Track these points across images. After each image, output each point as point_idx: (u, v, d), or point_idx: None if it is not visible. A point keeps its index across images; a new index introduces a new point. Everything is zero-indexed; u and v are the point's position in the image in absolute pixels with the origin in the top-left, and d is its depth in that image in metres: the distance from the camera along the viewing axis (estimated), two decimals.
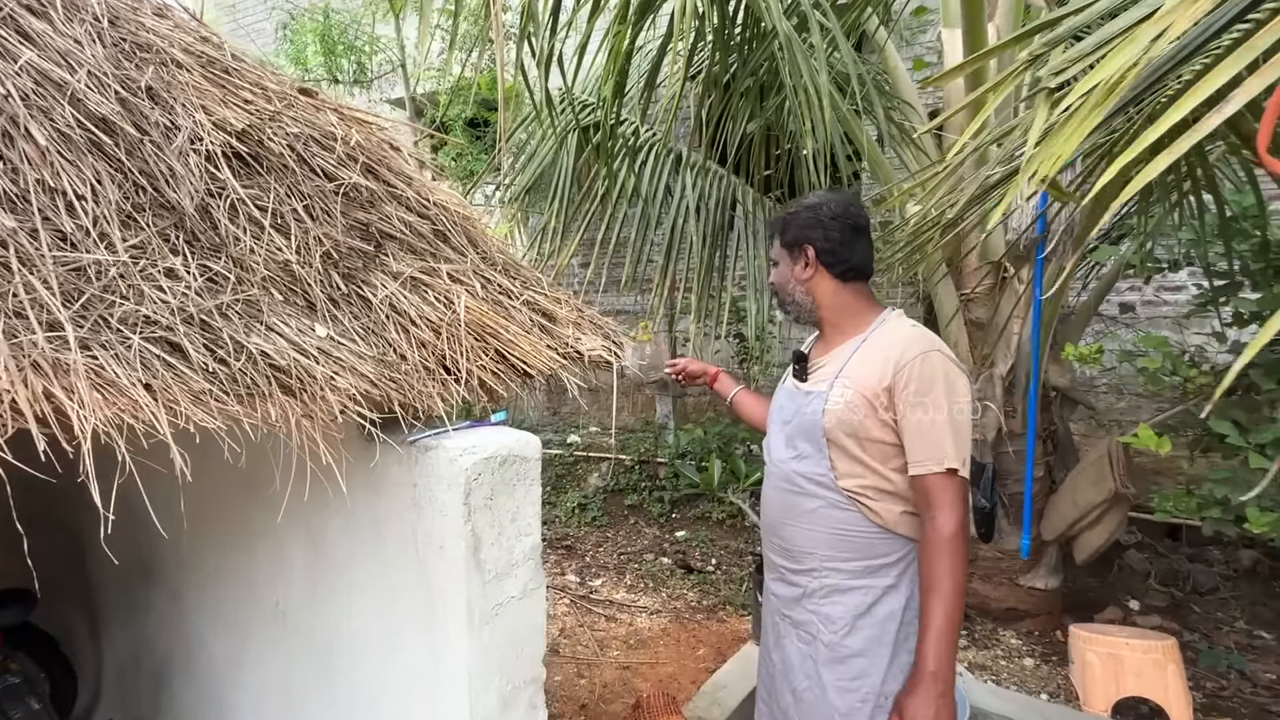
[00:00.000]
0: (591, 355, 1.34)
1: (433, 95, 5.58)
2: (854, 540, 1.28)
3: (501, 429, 1.18)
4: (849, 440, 1.26)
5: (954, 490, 1.20)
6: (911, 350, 1.24)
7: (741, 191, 3.50)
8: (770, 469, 1.43)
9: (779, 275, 1.41)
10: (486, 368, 1.14)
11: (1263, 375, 2.29)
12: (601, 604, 3.35)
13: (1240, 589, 3.51)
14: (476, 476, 1.06)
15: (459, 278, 1.20)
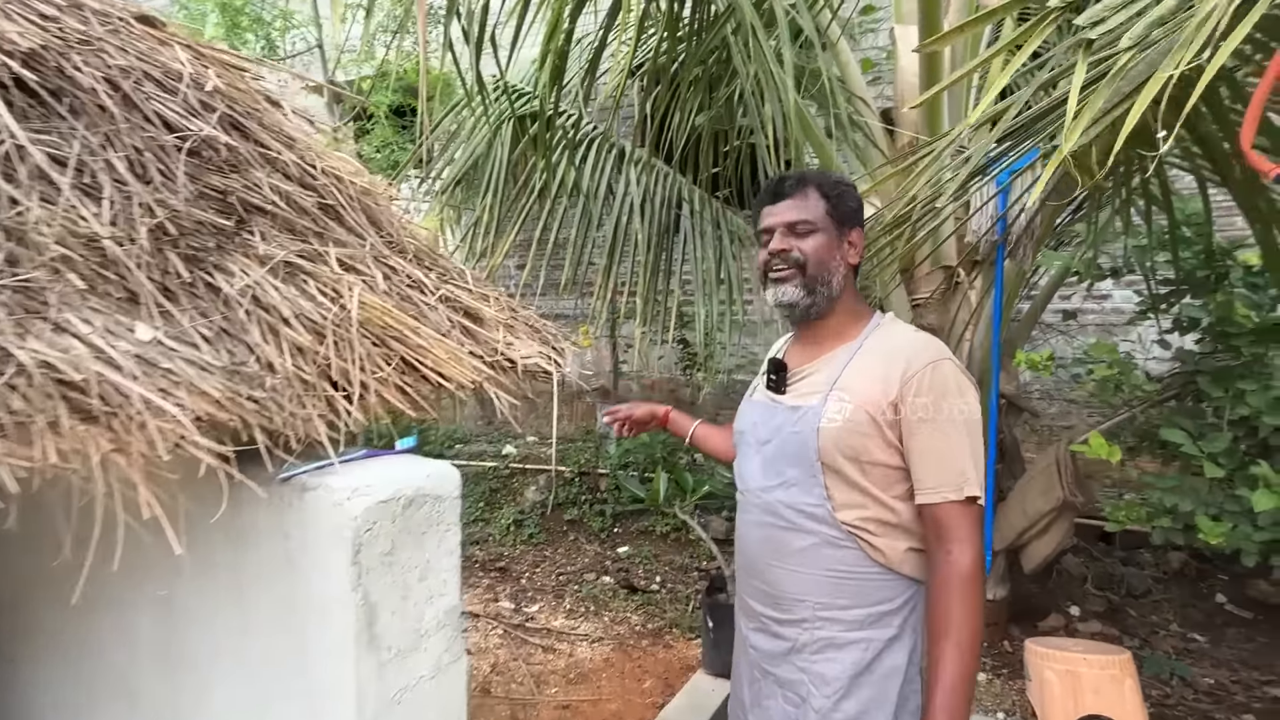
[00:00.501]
0: (526, 364, 1.10)
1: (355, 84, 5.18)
2: (853, 584, 1.09)
3: (409, 459, 0.93)
4: (848, 464, 1.07)
5: (972, 520, 1.03)
6: (920, 358, 1.07)
7: (688, 190, 3.32)
8: (746, 499, 1.21)
9: (821, 247, 1.14)
10: (388, 380, 0.89)
11: (1210, 383, 2.28)
12: (538, 633, 3.08)
13: (1171, 591, 3.58)
14: (370, 526, 0.80)
15: (354, 265, 0.94)
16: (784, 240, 1.15)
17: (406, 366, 0.93)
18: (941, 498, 1.03)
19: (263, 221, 0.87)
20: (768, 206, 1.18)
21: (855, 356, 1.13)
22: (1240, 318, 2.19)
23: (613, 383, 5.18)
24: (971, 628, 0.99)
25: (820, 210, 1.16)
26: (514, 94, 3.53)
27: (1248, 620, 3.30)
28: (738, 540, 1.25)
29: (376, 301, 0.91)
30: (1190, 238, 2.46)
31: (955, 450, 1.04)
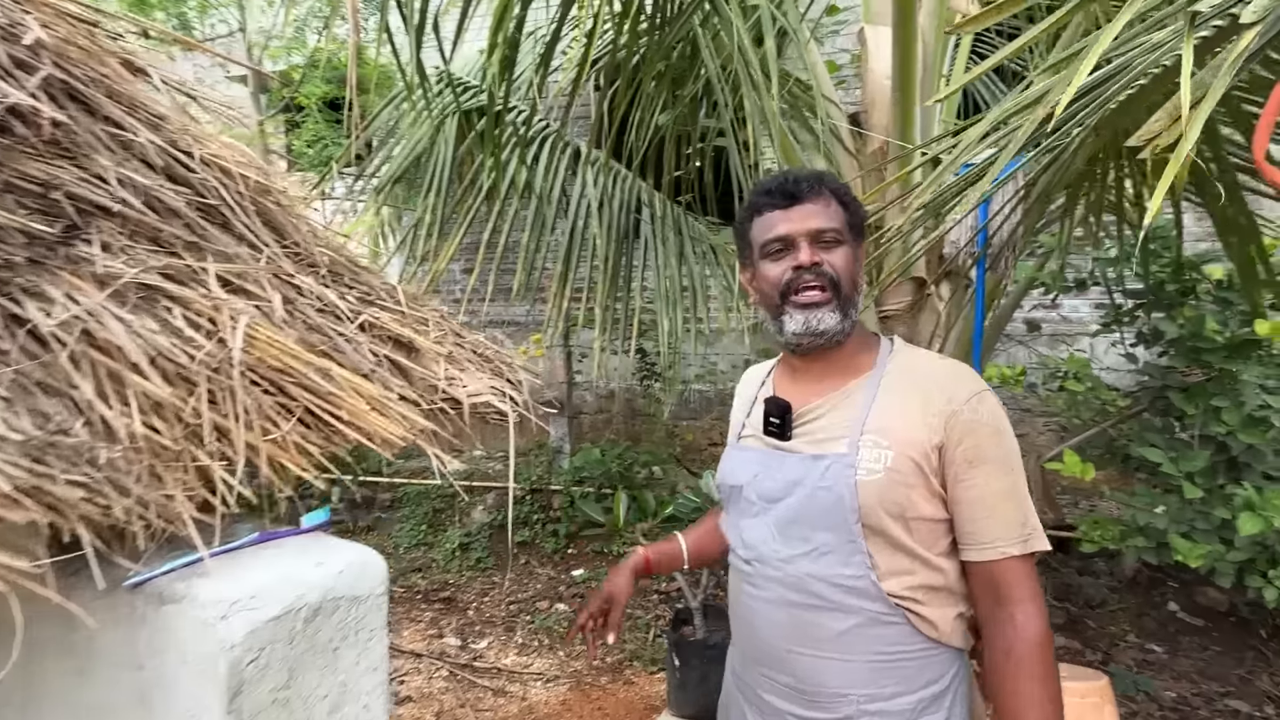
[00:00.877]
0: (475, 404, 0.88)
1: (284, 73, 4.79)
2: (901, 667, 0.91)
3: (318, 544, 0.70)
4: (894, 524, 0.89)
5: (1035, 576, 0.88)
6: (962, 391, 0.91)
7: (648, 194, 3.14)
8: (756, 572, 0.99)
9: (851, 262, 0.96)
10: (287, 442, 0.66)
11: (1183, 399, 2.24)
12: (488, 673, 2.82)
13: (1126, 599, 3.60)
14: (256, 655, 0.58)
15: (243, 285, 0.71)
16: (815, 252, 0.95)
17: (314, 420, 0.70)
18: (1001, 553, 0.87)
19: (107, 227, 0.63)
20: (778, 211, 0.97)
21: (880, 391, 0.95)
22: (1212, 332, 2.15)
23: (566, 394, 4.95)
24: (1057, 706, 0.84)
25: (841, 218, 0.97)
26: (459, 87, 3.28)
27: (1199, 628, 3.33)
28: (743, 621, 1.04)
29: (272, 334, 0.68)
30: (1157, 250, 2.43)
31: (1013, 495, 0.89)
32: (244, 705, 0.57)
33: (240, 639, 0.56)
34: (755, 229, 1.01)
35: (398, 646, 3.03)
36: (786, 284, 0.96)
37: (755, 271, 1.02)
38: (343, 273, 0.87)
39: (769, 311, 1.01)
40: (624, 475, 4.23)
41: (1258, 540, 2.01)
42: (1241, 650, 3.13)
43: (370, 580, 0.68)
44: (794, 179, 0.98)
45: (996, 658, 0.88)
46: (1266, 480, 2.16)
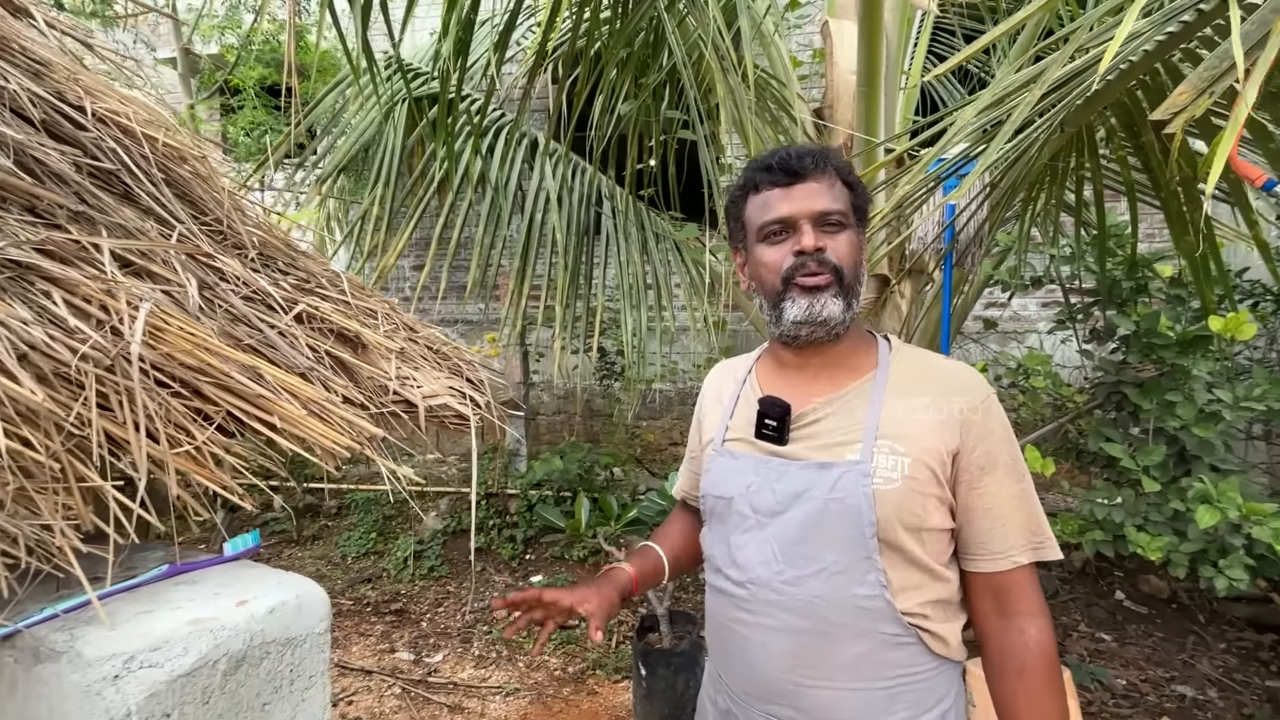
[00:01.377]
0: (433, 409, 0.78)
1: (220, 57, 4.50)
2: (914, 689, 0.85)
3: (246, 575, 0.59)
4: (908, 537, 0.83)
5: (1040, 586, 0.85)
6: (972, 395, 0.86)
7: (609, 187, 3.05)
8: (752, 594, 0.89)
9: (853, 246, 0.88)
10: (205, 454, 0.55)
11: (1139, 394, 2.28)
12: (443, 689, 2.68)
13: (1076, 591, 3.71)
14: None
15: (148, 267, 0.59)
16: (819, 236, 0.87)
17: (239, 427, 0.58)
18: (1012, 563, 0.83)
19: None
20: (779, 189, 0.88)
21: (887, 393, 0.88)
22: (1165, 329, 2.19)
23: (523, 395, 4.81)
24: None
25: (847, 200, 0.89)
26: (410, 73, 3.12)
27: (1144, 615, 3.45)
28: (734, 652, 0.93)
29: (186, 326, 0.57)
30: (1111, 248, 2.48)
31: (1026, 502, 0.85)
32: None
33: (137, 705, 0.45)
34: (751, 208, 0.92)
35: (346, 664, 2.86)
36: (789, 270, 0.88)
37: (749, 256, 0.93)
38: (276, 256, 0.75)
39: (767, 299, 0.92)
40: (584, 478, 4.13)
41: (1208, 531, 2.05)
42: (1183, 635, 3.25)
43: (308, 618, 0.57)
44: (797, 154, 0.88)
45: (1008, 673, 0.83)
46: (1214, 472, 2.23)
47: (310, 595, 0.58)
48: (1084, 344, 2.75)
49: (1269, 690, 2.82)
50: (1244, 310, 1.96)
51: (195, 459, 0.55)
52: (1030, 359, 2.50)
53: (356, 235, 2.92)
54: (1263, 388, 2.08)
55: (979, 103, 1.20)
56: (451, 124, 2.46)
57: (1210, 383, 2.33)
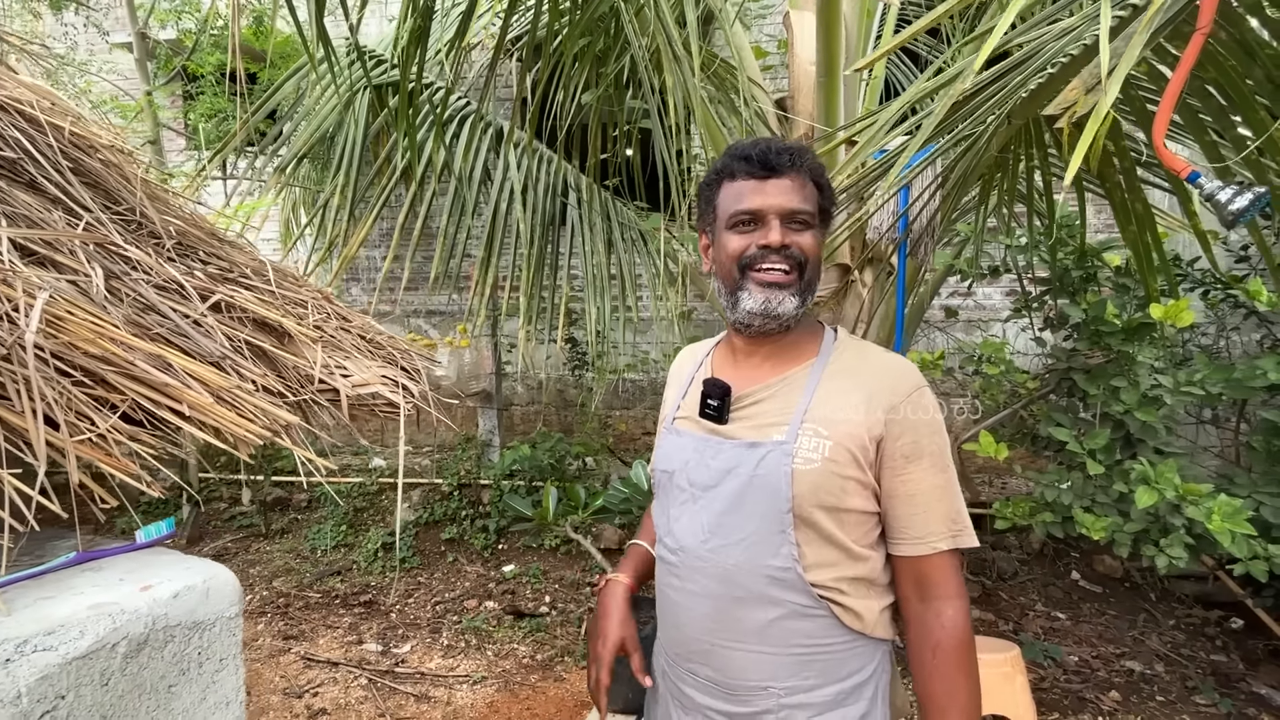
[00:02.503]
0: (359, 395, 0.78)
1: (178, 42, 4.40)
2: (823, 659, 0.89)
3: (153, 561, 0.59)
4: (824, 516, 0.87)
5: (961, 572, 0.89)
6: (903, 385, 0.89)
7: (574, 177, 3.05)
8: (680, 561, 0.95)
9: (817, 246, 0.91)
10: (109, 442, 0.55)
11: (1086, 380, 2.35)
12: (410, 679, 2.69)
13: (1034, 571, 3.82)
14: (53, 706, 0.47)
15: (52, 257, 0.59)
16: (785, 233, 0.89)
17: (146, 416, 0.59)
18: (931, 548, 0.87)
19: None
20: (753, 181, 0.90)
21: (822, 380, 0.92)
22: (1111, 316, 2.26)
23: (495, 385, 4.80)
24: (978, 698, 0.85)
25: (815, 201, 0.92)
26: (370, 60, 3.08)
27: (1098, 594, 3.57)
28: (665, 613, 1.00)
29: (90, 314, 0.57)
30: (1063, 238, 2.54)
31: (946, 491, 0.88)
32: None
33: (28, 687, 0.46)
34: (724, 195, 0.94)
35: (313, 656, 2.85)
36: (749, 259, 0.91)
37: (715, 239, 0.96)
38: (196, 246, 0.75)
39: (724, 284, 0.95)
40: (555, 467, 4.14)
41: (1150, 512, 2.13)
42: (1135, 613, 3.36)
43: (217, 603, 0.58)
44: (775, 149, 0.91)
45: (924, 651, 0.87)
46: (1158, 455, 2.31)
47: (219, 580, 0.59)
48: (1039, 332, 2.82)
49: (1213, 664, 2.93)
50: (1185, 298, 2.03)
51: (100, 447, 0.56)
52: (985, 346, 2.55)
53: (319, 224, 2.88)
54: (1203, 373, 2.15)
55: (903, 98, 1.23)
56: (412, 114, 2.44)
57: (1158, 368, 2.41)
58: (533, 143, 2.97)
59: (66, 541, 0.61)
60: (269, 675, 2.72)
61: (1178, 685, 2.77)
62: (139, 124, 3.83)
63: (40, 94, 0.66)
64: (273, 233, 4.65)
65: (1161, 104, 1.14)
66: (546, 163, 3.05)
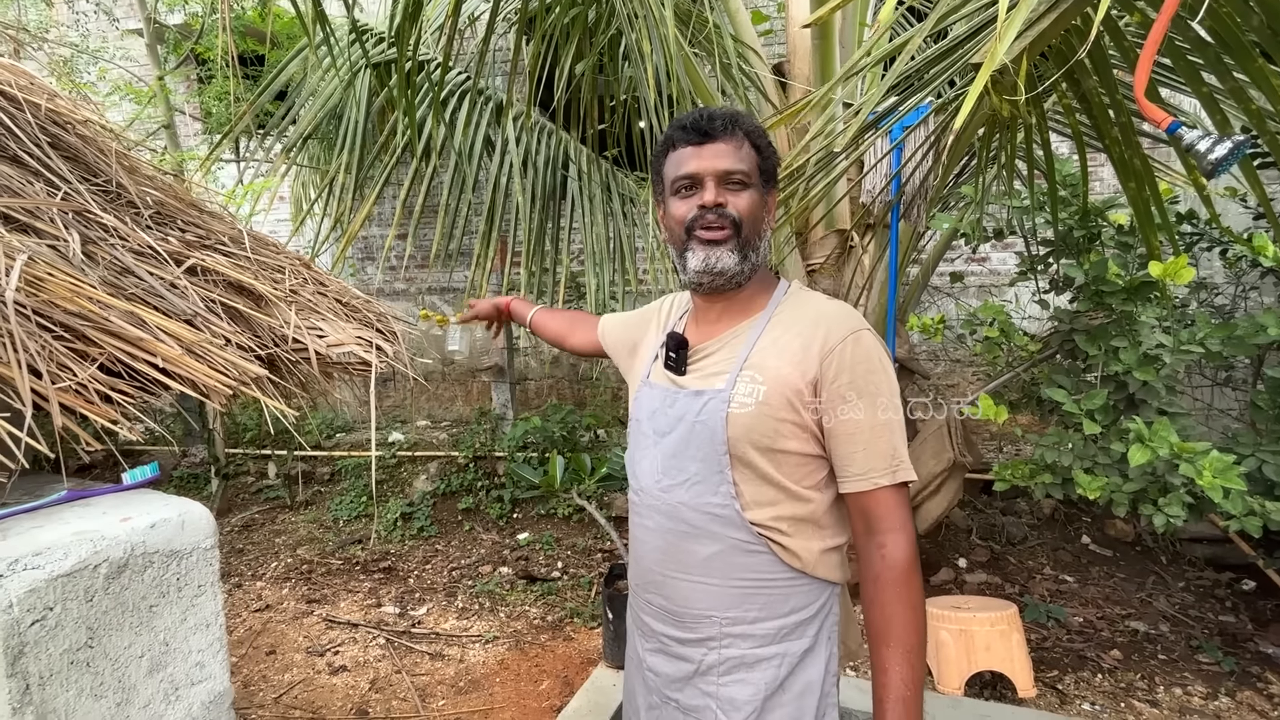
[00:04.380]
0: (331, 354, 0.84)
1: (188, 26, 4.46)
2: (764, 593, 0.94)
3: (141, 499, 0.66)
4: (759, 456, 0.91)
5: (905, 506, 0.91)
6: (837, 330, 0.92)
7: (574, 149, 3.06)
8: (640, 500, 1.03)
9: (755, 205, 0.96)
10: (91, 389, 0.61)
11: (1086, 341, 2.33)
12: (425, 638, 2.82)
13: (1044, 535, 3.81)
14: (42, 615, 0.53)
15: (32, 224, 0.64)
16: (720, 193, 0.94)
17: (123, 368, 0.65)
18: (872, 484, 0.90)
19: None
20: (690, 147, 0.95)
21: (765, 331, 0.96)
22: (1113, 276, 2.23)
23: (507, 360, 4.88)
24: (917, 628, 0.88)
25: (753, 162, 0.96)
26: (371, 38, 3.11)
27: (1108, 558, 3.56)
28: (632, 548, 1.07)
29: (67, 276, 0.63)
30: (1066, 198, 2.50)
31: (884, 430, 0.90)
32: (30, 668, 0.53)
33: (18, 598, 0.52)
34: (668, 164, 0.99)
35: (333, 618, 2.99)
36: (691, 221, 0.96)
37: (665, 208, 1.02)
38: (175, 215, 0.81)
39: (675, 247, 1.01)
40: (567, 439, 4.22)
41: (1149, 472, 2.13)
42: (1144, 576, 3.36)
43: (192, 534, 0.64)
44: (709, 116, 0.95)
45: (867, 582, 0.91)
46: (1161, 415, 2.29)
47: (194, 514, 0.66)
48: (1043, 293, 2.79)
49: (1220, 624, 2.93)
50: (1183, 255, 1.99)
51: (81, 395, 0.62)
52: (985, 309, 2.54)
53: (326, 202, 2.95)
54: (1203, 331, 2.13)
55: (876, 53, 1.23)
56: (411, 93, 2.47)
57: (1164, 327, 2.38)
58: (531, 115, 2.99)
59: (61, 484, 0.68)
60: (293, 635, 2.86)
61: (1182, 645, 2.78)
62: (153, 108, 3.92)
63: (17, 74, 0.71)
64: (286, 213, 4.74)
65: (1142, 55, 1.13)
66: (546, 135, 3.07)
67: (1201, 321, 2.16)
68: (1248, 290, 3.47)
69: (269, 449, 4.66)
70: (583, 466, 3.14)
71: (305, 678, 2.56)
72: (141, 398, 0.66)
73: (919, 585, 0.90)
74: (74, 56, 3.75)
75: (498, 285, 4.56)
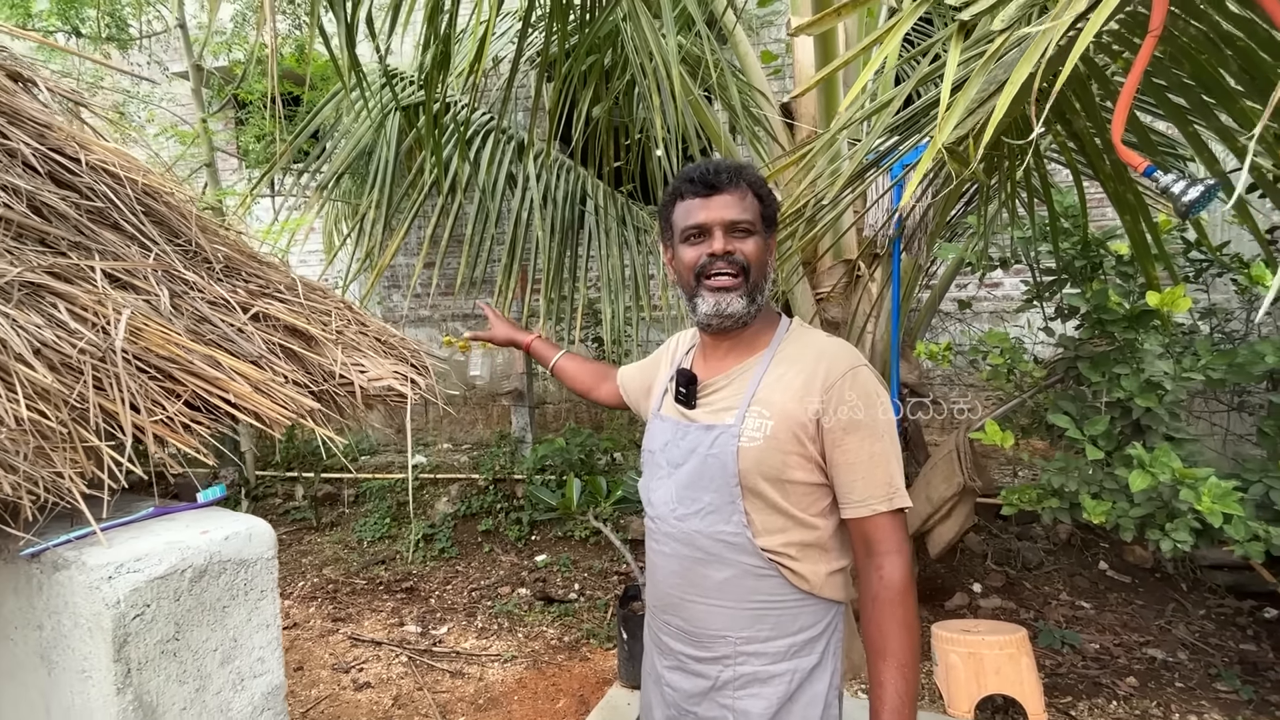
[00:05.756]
0: (373, 388, 0.95)
1: (229, 71, 4.74)
2: (775, 614, 1.02)
3: (212, 516, 0.77)
4: (769, 487, 1.00)
5: (901, 531, 0.99)
6: (838, 366, 1.01)
7: (591, 185, 3.21)
8: (657, 527, 1.11)
9: (760, 251, 1.05)
10: (177, 422, 0.72)
11: (1089, 368, 2.38)
12: (446, 657, 2.90)
13: (1060, 561, 3.80)
14: (141, 611, 0.64)
15: (131, 282, 0.76)
16: (728, 241, 1.04)
17: (202, 403, 0.76)
18: (871, 510, 0.98)
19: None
20: (699, 199, 1.05)
21: (770, 367, 1.05)
22: (1114, 305, 2.29)
23: (526, 384, 5.00)
24: (910, 645, 0.95)
25: (756, 210, 1.06)
26: (400, 81, 3.30)
27: (1126, 584, 3.54)
28: (649, 573, 1.15)
29: (159, 326, 0.75)
30: (1068, 229, 2.57)
31: (882, 460, 0.99)
32: (131, 654, 0.63)
33: (124, 595, 0.63)
34: (677, 213, 1.09)
35: (358, 636, 3.09)
36: (701, 267, 1.05)
37: (675, 253, 1.11)
38: (240, 268, 0.93)
39: (685, 291, 1.11)
40: (585, 461, 4.31)
41: (1154, 496, 2.16)
42: (1164, 603, 3.33)
43: (257, 546, 0.75)
44: (715, 169, 1.05)
45: (865, 602, 0.99)
46: (1168, 441, 2.32)
47: (259, 529, 0.76)
48: (1049, 321, 2.84)
49: (1241, 653, 2.90)
50: (1180, 285, 2.05)
51: (169, 426, 0.73)
52: (990, 337, 2.60)
53: (357, 237, 3.11)
54: (1204, 359, 2.17)
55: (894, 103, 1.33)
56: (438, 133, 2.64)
57: (1168, 354, 2.42)
58: (551, 153, 3.14)
59: (147, 501, 0.79)
60: (319, 652, 2.96)
61: (1200, 673, 2.76)
62: (196, 148, 4.16)
63: (120, 156, 0.85)
64: (318, 244, 4.95)
65: (1117, 107, 1.22)
66: (565, 171, 3.22)
67: (1203, 349, 2.20)
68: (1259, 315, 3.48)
69: (296, 471, 4.81)
70: (599, 489, 3.23)
71: (331, 693, 2.65)
72: (216, 428, 0.77)
73: (913, 605, 0.97)
74: (125, 101, 4.01)
75: (519, 313, 4.70)
